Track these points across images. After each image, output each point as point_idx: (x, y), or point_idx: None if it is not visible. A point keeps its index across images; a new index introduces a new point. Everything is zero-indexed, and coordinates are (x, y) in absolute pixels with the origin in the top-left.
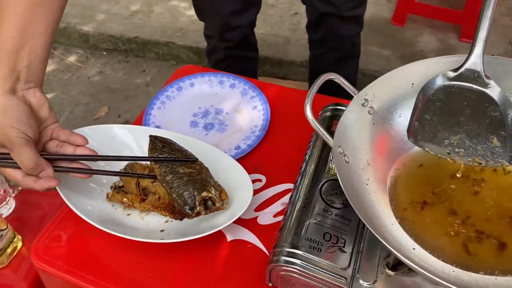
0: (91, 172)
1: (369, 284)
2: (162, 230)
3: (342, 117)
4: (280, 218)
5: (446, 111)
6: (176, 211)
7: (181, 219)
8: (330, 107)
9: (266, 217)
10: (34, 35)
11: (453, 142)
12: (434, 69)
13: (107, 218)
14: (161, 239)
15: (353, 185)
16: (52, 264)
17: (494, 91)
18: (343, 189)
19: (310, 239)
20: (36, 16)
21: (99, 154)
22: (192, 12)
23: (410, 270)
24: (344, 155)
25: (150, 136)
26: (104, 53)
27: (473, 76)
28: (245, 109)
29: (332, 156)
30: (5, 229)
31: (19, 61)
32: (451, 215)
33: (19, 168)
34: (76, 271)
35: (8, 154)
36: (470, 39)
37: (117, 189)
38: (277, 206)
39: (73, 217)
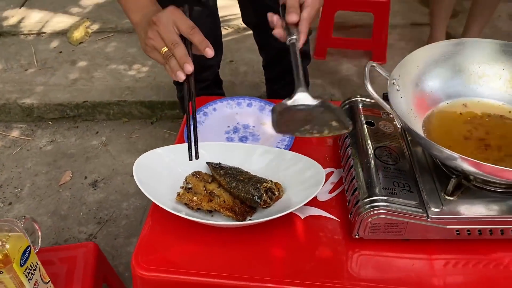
0: None
1: (439, 209)
2: None
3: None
4: (333, 194)
5: (292, 117)
6: (238, 213)
7: (242, 220)
8: (347, 101)
9: (323, 196)
10: None
11: (303, 130)
12: (425, 55)
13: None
14: (248, 219)
15: (401, 110)
16: (159, 270)
17: (315, 105)
18: (395, 112)
19: (385, 187)
20: None
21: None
22: (133, 72)
23: (462, 194)
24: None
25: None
26: (50, 122)
27: (303, 98)
28: (267, 121)
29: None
30: (49, 281)
31: None
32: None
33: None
34: (182, 270)
35: None
36: (380, 61)
37: (187, 189)
38: (328, 186)
39: (158, 225)
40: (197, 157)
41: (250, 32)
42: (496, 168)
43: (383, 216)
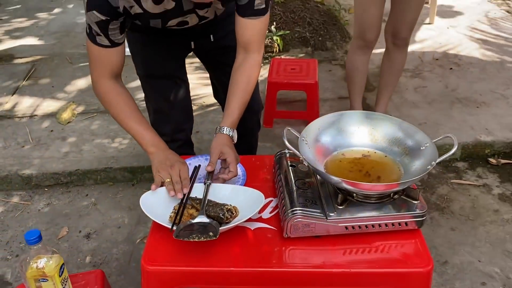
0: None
1: (333, 213)
2: None
3: (299, 139)
4: (273, 214)
5: (191, 228)
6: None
7: None
8: (278, 153)
9: (266, 215)
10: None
11: (193, 236)
12: (322, 121)
13: None
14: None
15: (309, 157)
16: (159, 265)
17: (208, 222)
18: (304, 158)
19: (300, 202)
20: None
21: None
22: (116, 144)
23: (347, 204)
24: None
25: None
26: (46, 189)
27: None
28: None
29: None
30: None
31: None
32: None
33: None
34: (176, 264)
35: None
36: None
37: (175, 213)
38: (269, 208)
39: (158, 236)
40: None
41: (212, 108)
42: (358, 183)
43: (299, 219)
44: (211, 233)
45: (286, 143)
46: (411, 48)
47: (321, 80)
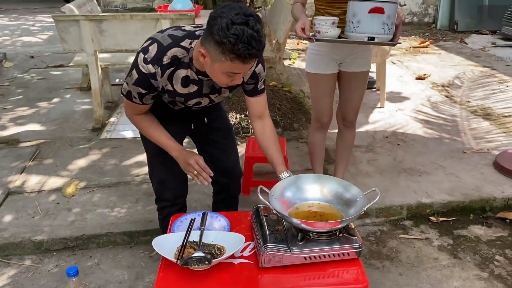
0: None
1: (295, 247)
2: None
3: (270, 198)
4: (252, 252)
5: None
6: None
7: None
8: (255, 206)
9: (246, 253)
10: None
11: None
12: (285, 182)
13: None
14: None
15: (277, 207)
16: None
17: None
18: (273, 207)
19: (271, 240)
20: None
21: None
22: (115, 213)
23: (306, 240)
24: (274, 196)
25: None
26: (54, 253)
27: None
28: (216, 224)
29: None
30: None
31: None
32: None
33: None
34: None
35: None
36: None
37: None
38: (249, 249)
39: (167, 269)
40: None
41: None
42: (312, 223)
43: (271, 252)
44: (206, 262)
45: (260, 196)
46: (365, 128)
47: (290, 155)
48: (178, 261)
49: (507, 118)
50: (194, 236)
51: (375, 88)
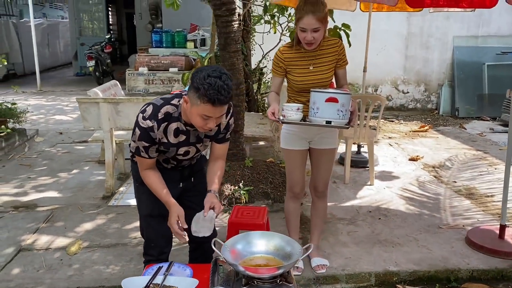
0: None
1: None
2: None
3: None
4: None
5: None
6: None
7: None
8: (214, 258)
9: None
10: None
11: None
12: (237, 239)
13: None
14: None
15: (229, 259)
16: None
17: None
18: (224, 257)
19: (220, 284)
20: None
21: None
22: (109, 269)
23: (250, 286)
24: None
25: None
26: None
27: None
28: (181, 272)
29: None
30: None
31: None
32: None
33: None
34: None
35: None
36: None
37: None
38: None
39: None
40: None
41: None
42: (252, 268)
43: None
44: None
45: (214, 248)
46: (351, 202)
47: (276, 225)
48: None
49: (488, 198)
50: (159, 280)
51: (368, 167)
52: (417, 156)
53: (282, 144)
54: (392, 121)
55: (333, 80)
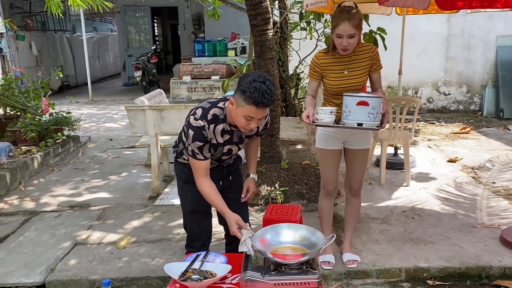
0: None
1: (267, 276)
2: None
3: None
4: (238, 280)
5: None
6: None
7: None
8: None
9: (235, 281)
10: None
11: None
12: (265, 230)
13: None
14: None
15: (259, 247)
16: None
17: None
18: (254, 245)
19: (251, 269)
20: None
21: None
22: (155, 262)
23: (279, 272)
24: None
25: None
26: None
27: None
28: (217, 259)
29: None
30: None
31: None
32: None
33: None
34: None
35: None
36: None
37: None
38: (237, 278)
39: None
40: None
41: (219, 229)
42: (279, 255)
43: (247, 277)
44: (198, 280)
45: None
46: (386, 203)
47: (310, 223)
48: (179, 278)
49: None
50: (197, 265)
51: (404, 169)
52: (456, 157)
53: (317, 144)
54: (433, 123)
55: (368, 84)
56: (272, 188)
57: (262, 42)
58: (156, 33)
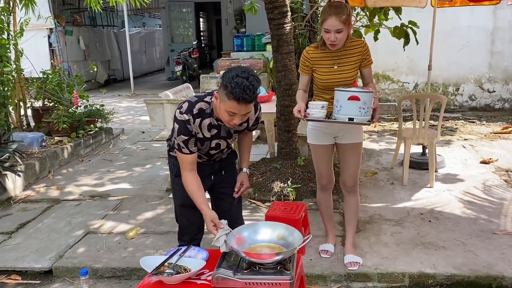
0: None
1: (239, 274)
2: None
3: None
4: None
5: None
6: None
7: None
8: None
9: (210, 278)
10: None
11: None
12: (244, 227)
13: None
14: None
15: (234, 245)
16: None
17: None
18: (229, 243)
19: (224, 266)
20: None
21: None
22: (158, 253)
23: (251, 271)
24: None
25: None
26: (106, 279)
27: None
28: (199, 254)
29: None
30: None
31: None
32: None
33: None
34: None
35: None
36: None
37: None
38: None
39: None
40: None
41: None
42: (251, 254)
43: (219, 275)
44: (170, 275)
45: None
46: (404, 204)
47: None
48: (151, 272)
49: None
50: (174, 260)
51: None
52: (490, 159)
53: (309, 139)
54: (473, 122)
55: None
56: (285, 184)
57: (279, 36)
58: (201, 28)
